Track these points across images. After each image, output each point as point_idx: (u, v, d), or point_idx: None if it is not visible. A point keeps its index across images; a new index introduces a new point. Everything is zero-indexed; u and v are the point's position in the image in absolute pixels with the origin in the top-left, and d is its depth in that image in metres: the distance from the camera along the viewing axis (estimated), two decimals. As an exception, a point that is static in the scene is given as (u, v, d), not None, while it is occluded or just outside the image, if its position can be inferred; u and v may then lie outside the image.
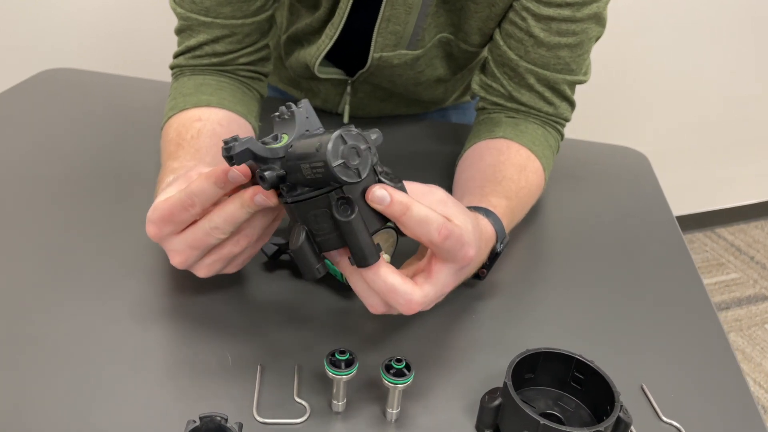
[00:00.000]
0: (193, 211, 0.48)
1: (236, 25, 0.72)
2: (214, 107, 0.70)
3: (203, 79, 0.74)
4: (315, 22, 0.78)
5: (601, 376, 0.47)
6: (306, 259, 0.45)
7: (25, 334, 0.52)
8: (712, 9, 2.01)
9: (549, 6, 0.69)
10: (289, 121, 0.46)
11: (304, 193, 0.44)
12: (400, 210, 0.44)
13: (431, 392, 0.51)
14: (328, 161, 0.40)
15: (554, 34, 0.70)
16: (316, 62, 0.80)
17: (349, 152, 0.41)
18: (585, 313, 0.62)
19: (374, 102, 0.91)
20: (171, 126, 0.69)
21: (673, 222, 0.79)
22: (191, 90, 0.72)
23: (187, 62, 0.75)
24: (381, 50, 0.77)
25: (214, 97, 0.71)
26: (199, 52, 0.74)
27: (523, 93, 0.75)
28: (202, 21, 0.71)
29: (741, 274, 2.29)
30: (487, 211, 0.61)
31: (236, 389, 0.49)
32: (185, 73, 0.75)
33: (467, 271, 0.54)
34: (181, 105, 0.70)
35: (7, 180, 0.72)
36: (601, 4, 0.69)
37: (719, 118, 2.26)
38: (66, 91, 0.94)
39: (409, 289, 0.47)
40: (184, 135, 0.66)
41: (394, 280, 0.46)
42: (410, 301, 0.47)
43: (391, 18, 0.73)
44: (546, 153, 0.74)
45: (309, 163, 0.41)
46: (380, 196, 0.44)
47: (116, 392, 0.48)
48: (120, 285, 0.58)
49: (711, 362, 0.58)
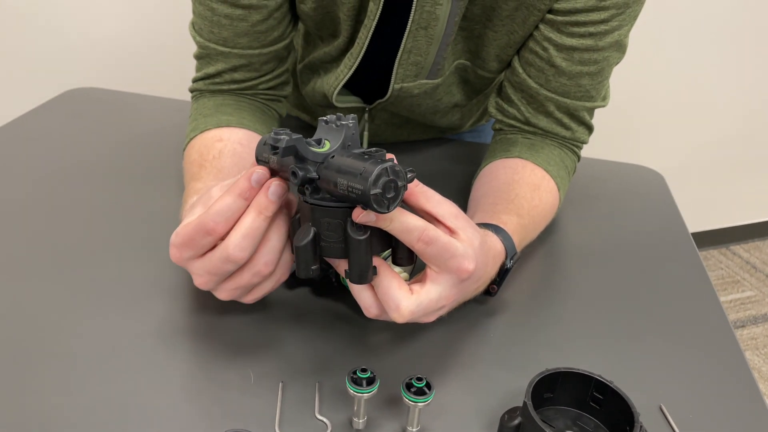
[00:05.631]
0: (214, 234, 0.49)
1: (254, 55, 0.73)
2: (235, 127, 0.71)
3: (222, 99, 0.75)
4: (333, 50, 0.78)
5: (620, 396, 0.47)
6: (306, 257, 0.47)
7: (50, 351, 0.53)
8: (728, 26, 2.01)
9: (571, 36, 0.68)
10: (335, 131, 0.48)
11: (327, 200, 0.46)
12: (385, 223, 0.47)
13: (451, 410, 0.52)
14: (368, 188, 0.42)
15: (576, 63, 0.70)
16: (334, 92, 0.79)
17: (387, 185, 0.43)
18: (602, 332, 0.62)
19: (391, 128, 0.91)
20: (193, 147, 0.69)
21: (689, 240, 0.79)
22: (211, 111, 0.73)
23: (207, 87, 0.76)
24: (402, 81, 0.76)
25: (234, 117, 0.72)
26: (218, 80, 0.75)
27: (540, 119, 0.75)
28: (220, 51, 0.72)
29: (756, 292, 2.27)
30: (496, 227, 0.61)
31: (258, 406, 0.50)
32: (204, 95, 0.76)
33: (471, 286, 0.54)
34: (202, 126, 0.71)
35: (34, 197, 0.74)
36: (623, 32, 0.69)
37: (733, 135, 2.26)
38: (90, 110, 0.96)
39: (401, 295, 0.48)
40: (206, 156, 0.67)
41: (390, 283, 0.48)
42: (398, 307, 0.48)
43: (413, 49, 0.72)
44: (561, 173, 0.75)
45: (347, 180, 0.43)
46: (367, 217, 0.46)
47: (141, 409, 0.49)
48: (145, 303, 0.59)
49: (729, 382, 0.58)
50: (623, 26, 0.68)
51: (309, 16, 0.74)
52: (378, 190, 0.42)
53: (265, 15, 0.70)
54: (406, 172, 0.46)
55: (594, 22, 0.67)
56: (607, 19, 0.67)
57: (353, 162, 0.44)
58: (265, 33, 0.71)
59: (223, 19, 0.69)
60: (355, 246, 0.46)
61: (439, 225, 0.50)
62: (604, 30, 0.67)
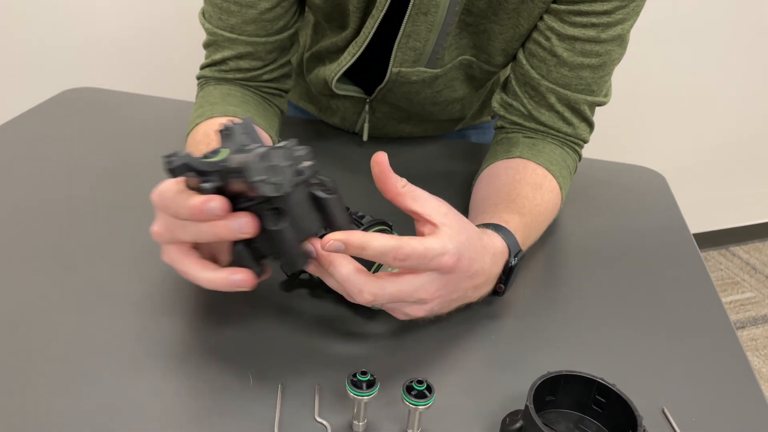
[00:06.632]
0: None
1: (259, 43, 0.75)
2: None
3: (229, 89, 0.77)
4: (340, 41, 0.80)
5: (622, 400, 0.47)
6: (244, 262, 0.49)
7: (48, 351, 0.53)
8: (729, 27, 2.01)
9: (574, 26, 0.69)
10: (230, 137, 0.49)
11: (243, 203, 0.47)
12: (357, 251, 0.48)
13: (451, 414, 0.51)
14: (247, 177, 0.43)
15: (578, 54, 0.71)
16: (334, 78, 0.81)
17: (268, 169, 0.44)
18: (603, 334, 0.62)
19: (392, 123, 0.92)
20: (198, 131, 0.71)
21: (691, 241, 0.78)
22: (218, 99, 0.75)
23: (213, 74, 0.78)
24: (400, 65, 0.77)
25: (240, 109, 0.74)
26: (224, 67, 0.77)
27: (542, 112, 0.75)
28: (227, 37, 0.74)
29: (756, 293, 2.27)
30: (497, 226, 0.61)
31: (257, 408, 0.50)
32: (210, 82, 0.78)
33: (466, 282, 0.54)
34: (209, 113, 0.73)
35: (31, 197, 0.73)
36: (626, 27, 0.70)
37: (733, 137, 2.26)
38: (89, 110, 0.96)
39: (361, 279, 0.49)
40: (212, 137, 0.68)
41: (347, 270, 0.49)
42: (361, 291, 0.49)
43: (412, 34, 0.74)
44: (563, 173, 0.75)
45: (237, 177, 0.44)
46: (336, 247, 0.47)
47: (139, 411, 0.49)
48: (144, 304, 0.59)
49: (732, 384, 0.57)
50: (626, 20, 0.69)
51: (319, 7, 0.77)
52: (259, 177, 0.43)
53: (273, 3, 0.72)
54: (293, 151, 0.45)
55: (597, 12, 0.68)
56: (610, 11, 0.68)
57: (238, 158, 0.45)
58: (271, 21, 0.73)
59: (232, 6, 0.72)
60: (276, 237, 0.47)
61: (427, 223, 0.51)
62: (607, 22, 0.68)
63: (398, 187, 0.50)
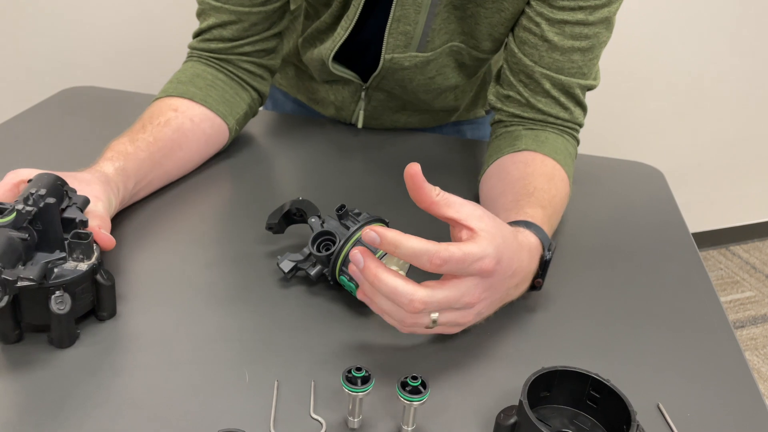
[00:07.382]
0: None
1: (243, 12, 0.77)
2: (197, 102, 0.77)
3: (202, 70, 0.80)
4: (328, 18, 0.82)
5: (617, 395, 0.47)
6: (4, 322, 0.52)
7: (46, 350, 0.53)
8: (730, 26, 2.01)
9: (562, 10, 0.71)
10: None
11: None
12: (391, 248, 0.48)
13: (446, 409, 0.51)
14: None
15: (567, 37, 0.73)
16: (330, 55, 0.82)
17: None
18: (600, 330, 0.62)
19: (387, 112, 0.93)
20: (152, 106, 0.77)
21: (689, 239, 0.78)
22: (187, 78, 0.79)
23: (198, 45, 0.81)
24: (392, 51, 0.79)
25: (201, 92, 0.78)
26: (208, 36, 0.80)
27: (539, 99, 0.77)
28: (213, 5, 0.77)
29: (756, 293, 2.27)
30: (527, 223, 0.61)
31: (253, 405, 0.50)
32: (192, 58, 0.82)
33: (507, 282, 0.54)
34: (170, 91, 0.78)
35: (29, 196, 0.74)
36: (612, 9, 0.72)
37: (732, 136, 2.26)
38: (87, 109, 0.96)
39: (410, 288, 0.48)
40: (153, 120, 0.74)
41: (394, 280, 0.48)
42: (412, 301, 0.48)
43: (402, 18, 0.76)
44: (567, 161, 0.76)
45: None
46: (371, 237, 0.48)
47: (135, 408, 0.49)
48: (140, 302, 0.59)
49: (728, 382, 0.57)
50: (613, 3, 0.72)
51: None
52: None
53: None
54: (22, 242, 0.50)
55: None
56: None
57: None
58: None
59: None
60: (56, 318, 0.51)
61: (463, 228, 0.51)
62: (594, 5, 0.71)
63: (433, 195, 0.50)
